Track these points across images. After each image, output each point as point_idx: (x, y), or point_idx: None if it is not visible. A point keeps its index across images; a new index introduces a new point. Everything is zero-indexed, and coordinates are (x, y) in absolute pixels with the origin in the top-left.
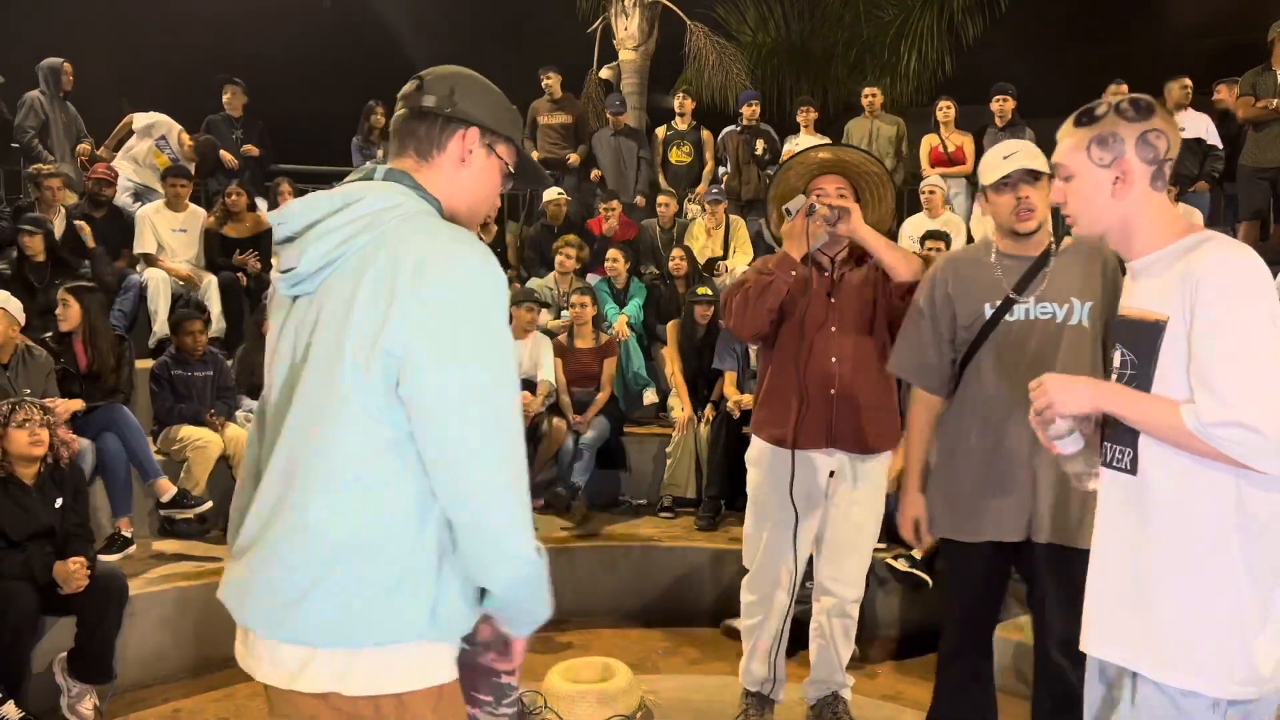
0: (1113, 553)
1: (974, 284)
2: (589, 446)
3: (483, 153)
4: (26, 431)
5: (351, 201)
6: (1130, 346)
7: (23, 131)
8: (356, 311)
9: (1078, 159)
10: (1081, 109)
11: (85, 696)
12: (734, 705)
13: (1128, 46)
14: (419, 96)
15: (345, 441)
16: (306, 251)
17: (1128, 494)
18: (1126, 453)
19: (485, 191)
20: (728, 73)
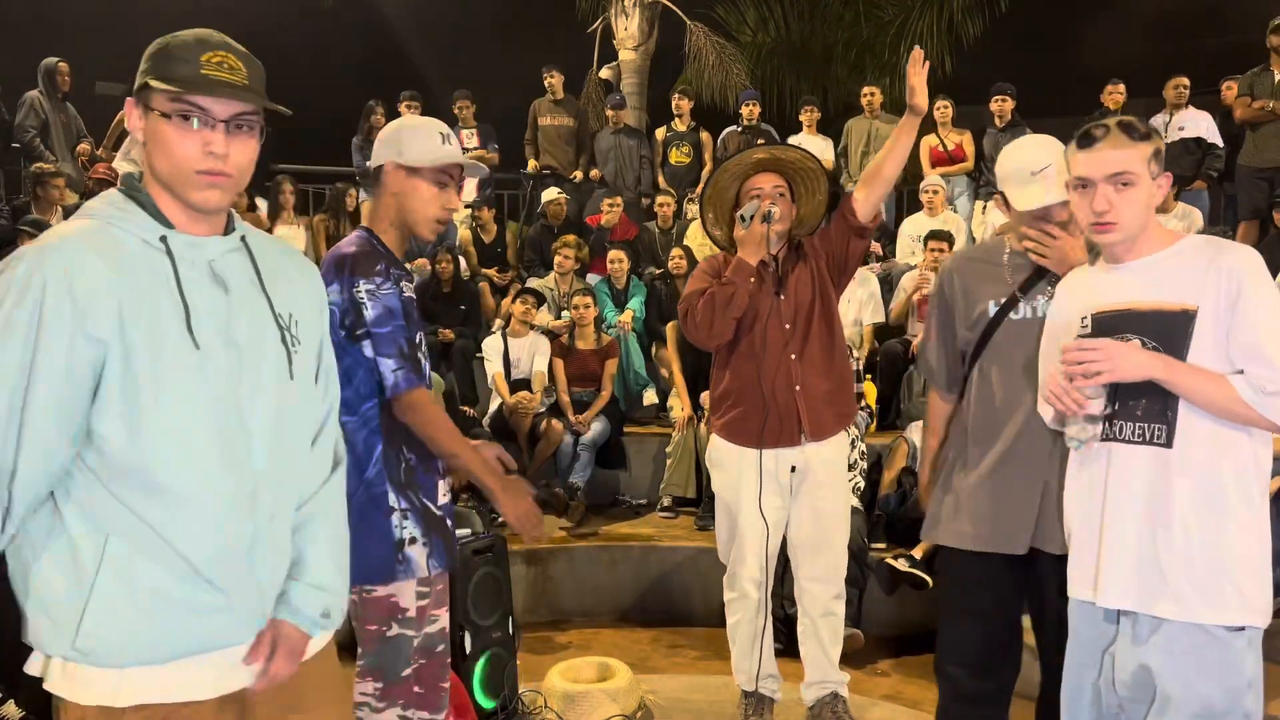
0: (1143, 517)
1: (981, 282)
2: (588, 446)
3: (139, 113)
4: None
5: None
6: (1154, 335)
7: (24, 131)
8: None
9: (1143, 170)
10: (1127, 122)
11: None
12: (734, 705)
13: (1127, 46)
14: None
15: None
16: None
17: (1160, 465)
18: (1160, 429)
19: (167, 152)
20: (728, 73)
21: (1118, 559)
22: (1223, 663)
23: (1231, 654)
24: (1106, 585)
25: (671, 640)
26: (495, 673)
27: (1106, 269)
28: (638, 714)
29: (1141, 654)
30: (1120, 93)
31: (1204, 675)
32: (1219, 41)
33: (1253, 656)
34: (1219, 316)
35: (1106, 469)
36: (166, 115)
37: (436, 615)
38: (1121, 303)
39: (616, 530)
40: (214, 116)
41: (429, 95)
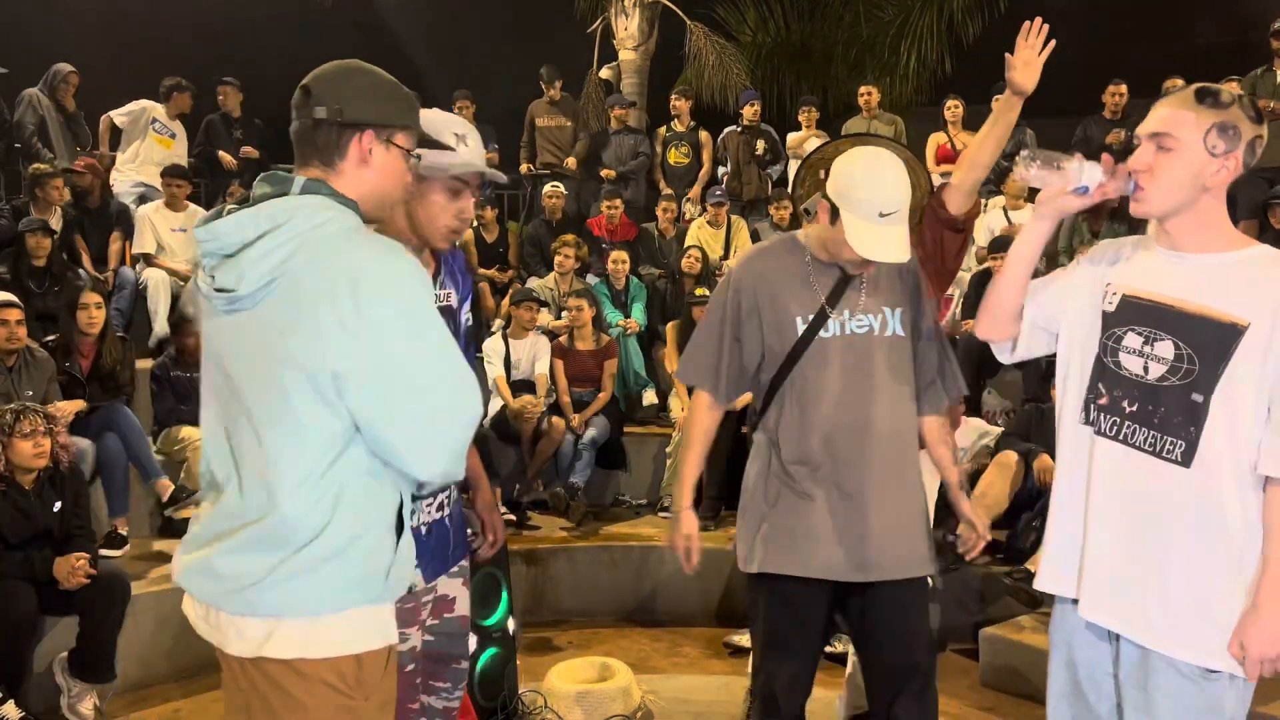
0: (1167, 551)
1: (783, 292)
2: (589, 446)
3: (381, 149)
4: (31, 443)
5: (282, 222)
6: (1191, 343)
7: (22, 128)
8: (296, 331)
9: (1191, 135)
10: (1204, 87)
11: (85, 696)
12: (734, 705)
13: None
14: (310, 109)
15: (298, 443)
16: (246, 274)
17: (1175, 487)
18: (1178, 444)
19: (392, 182)
20: (728, 73)
21: (1100, 571)
22: (1199, 706)
23: (1207, 697)
24: (1091, 598)
25: (671, 640)
26: (495, 673)
27: (1155, 250)
28: (638, 714)
29: (1122, 684)
30: (1121, 93)
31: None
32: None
33: (1234, 695)
34: (1271, 340)
35: (1090, 466)
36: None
37: (406, 634)
38: (1162, 294)
39: (616, 530)
40: None
41: (429, 95)
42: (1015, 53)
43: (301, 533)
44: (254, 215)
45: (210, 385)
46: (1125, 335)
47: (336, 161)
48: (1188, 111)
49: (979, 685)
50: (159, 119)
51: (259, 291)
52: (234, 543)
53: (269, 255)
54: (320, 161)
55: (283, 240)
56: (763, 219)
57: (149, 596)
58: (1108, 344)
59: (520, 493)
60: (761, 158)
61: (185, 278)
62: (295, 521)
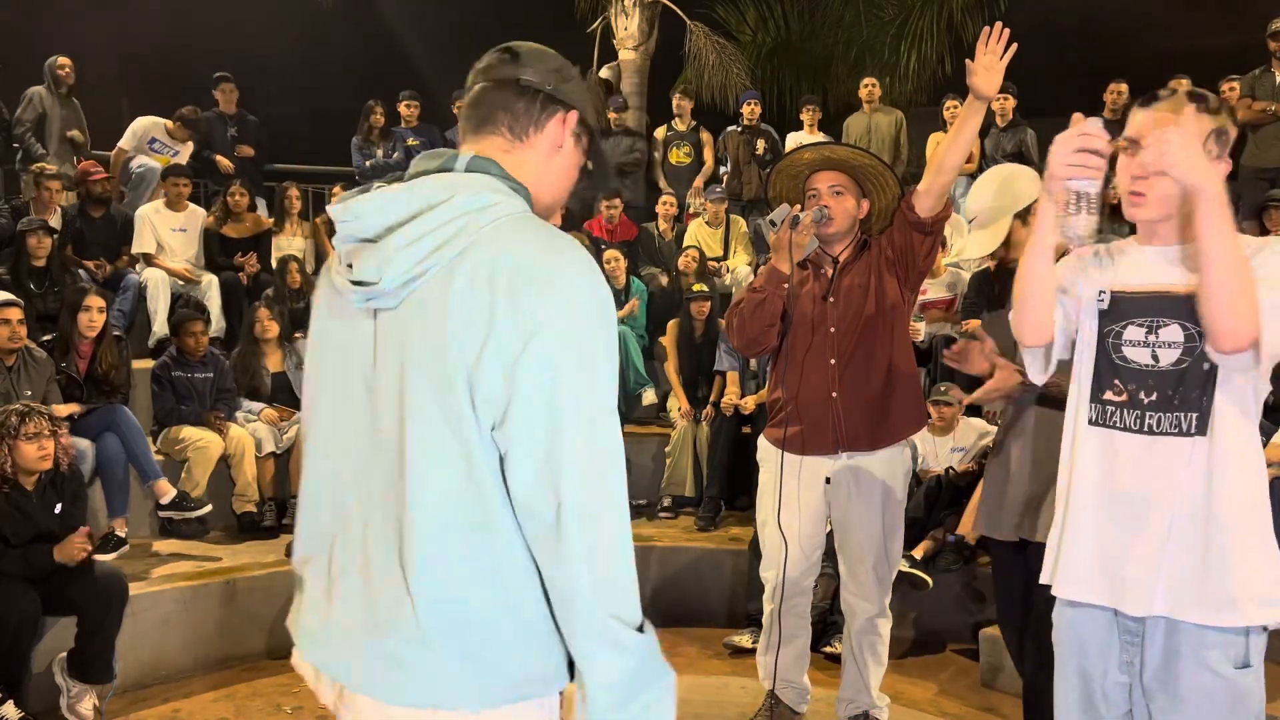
0: (1186, 518)
1: None
2: None
3: (573, 142)
4: (35, 445)
5: (437, 202)
6: (1194, 320)
7: (19, 124)
8: (450, 338)
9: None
10: (1196, 93)
11: (85, 696)
12: (734, 705)
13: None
14: (515, 68)
15: (454, 483)
16: (391, 262)
17: (1193, 455)
18: (1191, 417)
19: (566, 185)
20: (728, 73)
21: (1134, 564)
22: (1230, 701)
23: (1240, 695)
24: (1134, 595)
25: (671, 640)
26: None
27: (1142, 250)
28: None
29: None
30: (1122, 92)
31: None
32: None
33: (1259, 688)
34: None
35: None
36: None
37: None
38: (1151, 284)
39: None
40: None
41: (429, 95)
42: (976, 58)
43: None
44: (405, 192)
45: (329, 396)
46: (1125, 329)
47: (530, 134)
48: (1184, 117)
49: (979, 685)
50: (159, 139)
51: (406, 286)
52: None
53: (419, 241)
54: (507, 130)
55: (436, 224)
56: (763, 219)
57: (148, 596)
58: (1109, 341)
59: None
60: (761, 157)
61: (185, 278)
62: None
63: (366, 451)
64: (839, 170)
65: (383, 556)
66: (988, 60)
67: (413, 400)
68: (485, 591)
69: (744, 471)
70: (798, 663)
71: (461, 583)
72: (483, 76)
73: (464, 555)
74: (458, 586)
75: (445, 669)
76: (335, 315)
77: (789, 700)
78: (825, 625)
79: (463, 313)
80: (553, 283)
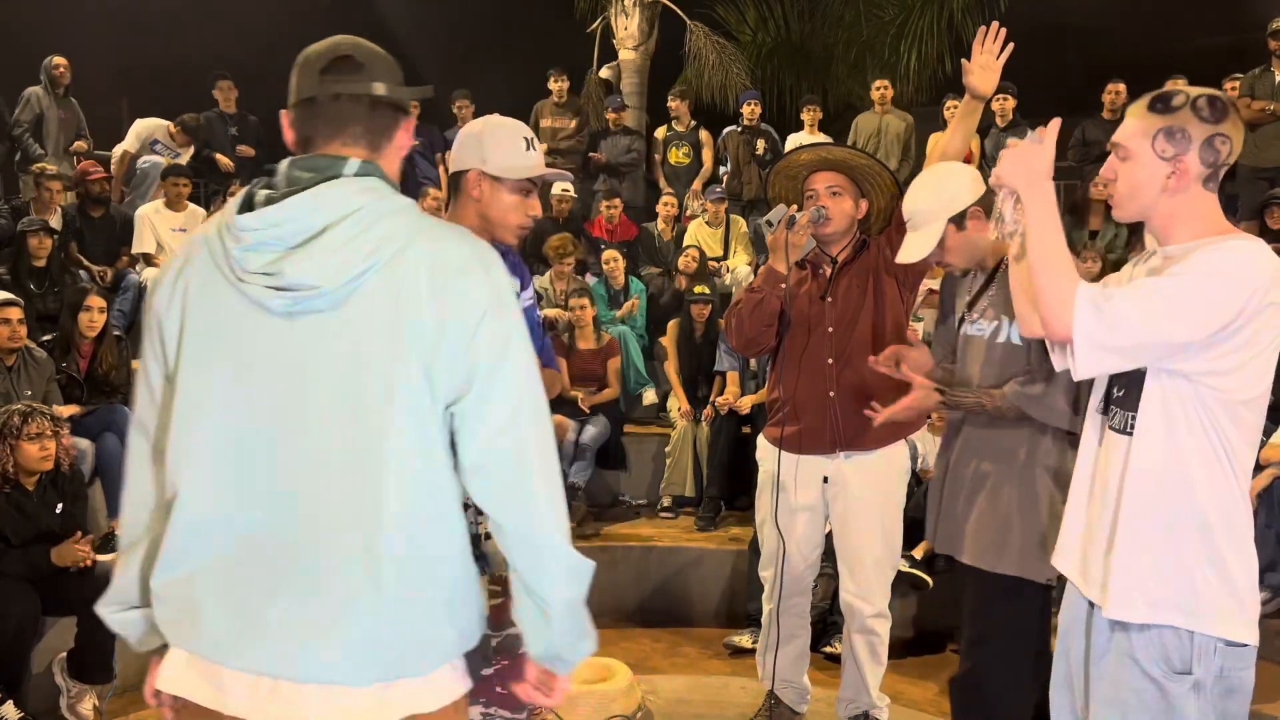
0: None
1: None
2: (589, 446)
3: (405, 133)
4: (38, 445)
5: (357, 206)
6: None
7: (17, 125)
8: (408, 328)
9: (1140, 144)
10: (1158, 93)
11: (85, 696)
12: (734, 706)
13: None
14: (367, 83)
15: (418, 467)
16: (329, 265)
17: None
18: (1130, 417)
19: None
20: (728, 73)
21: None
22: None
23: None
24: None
25: (671, 641)
26: None
27: (1147, 255)
28: (638, 714)
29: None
30: (1121, 92)
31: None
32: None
33: (1195, 704)
34: None
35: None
36: None
37: None
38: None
39: (616, 530)
40: None
41: None
42: (972, 57)
43: (393, 576)
44: (316, 199)
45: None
46: None
47: (384, 146)
48: (1138, 121)
49: None
50: (161, 141)
51: (344, 287)
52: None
53: (352, 243)
54: (367, 144)
55: (363, 225)
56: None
57: None
58: None
59: None
60: (761, 157)
61: None
62: (387, 559)
63: (292, 451)
64: (837, 171)
65: (336, 547)
66: (984, 59)
67: (369, 392)
68: (446, 568)
69: (744, 471)
70: (797, 663)
71: (428, 561)
72: (331, 85)
73: (429, 534)
74: (424, 566)
75: (412, 641)
76: (222, 321)
77: (789, 700)
78: (825, 625)
79: (414, 305)
80: (485, 270)
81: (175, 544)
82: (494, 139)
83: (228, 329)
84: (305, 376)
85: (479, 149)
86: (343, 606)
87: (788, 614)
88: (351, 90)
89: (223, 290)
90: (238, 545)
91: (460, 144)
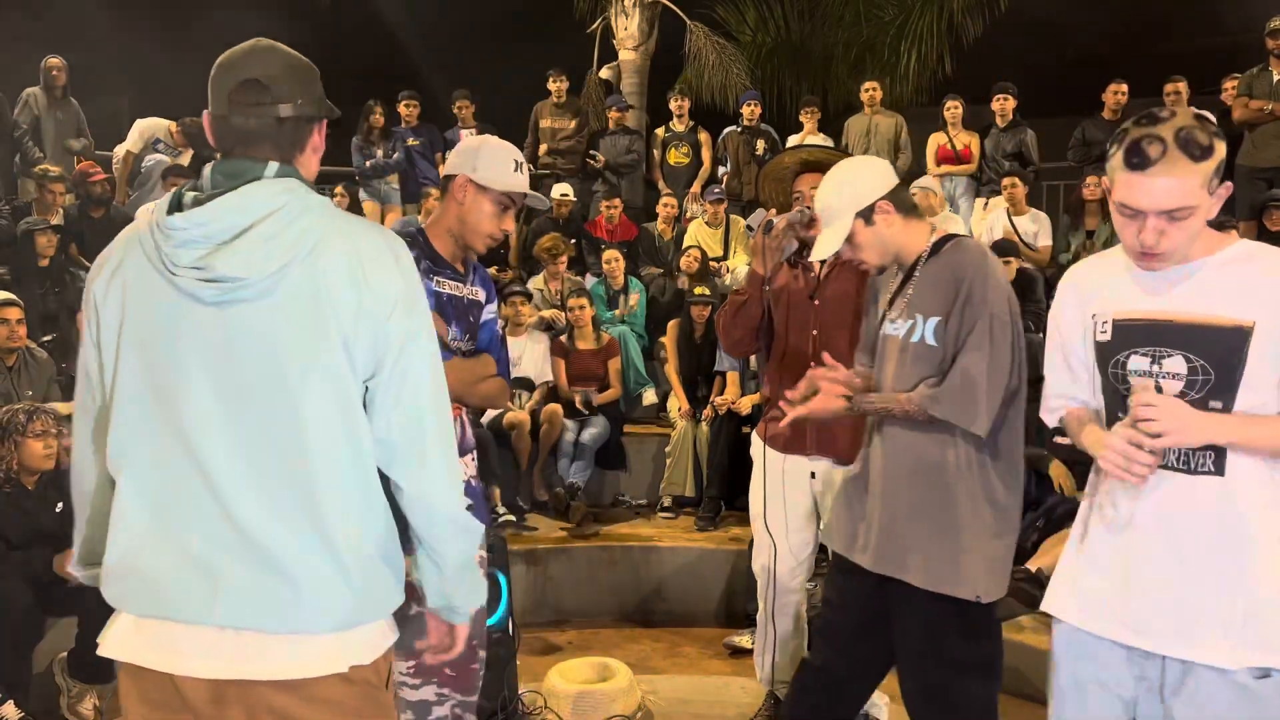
0: (1207, 559)
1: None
2: (589, 446)
3: (320, 133)
4: (42, 443)
5: (280, 205)
6: (1201, 353)
7: (16, 126)
8: (330, 313)
9: (1201, 196)
10: (1187, 135)
11: (85, 696)
12: (734, 706)
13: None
14: (272, 106)
15: (341, 433)
16: (255, 259)
17: (1212, 495)
18: (1208, 455)
19: (317, 163)
20: (728, 73)
21: (1155, 599)
22: (1252, 715)
23: (1261, 704)
24: (1142, 626)
25: (671, 640)
26: (495, 673)
27: (1134, 269)
28: (638, 714)
29: (1169, 703)
30: (1122, 92)
31: None
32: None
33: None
34: (1277, 333)
35: (1139, 497)
36: None
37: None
38: (1156, 311)
39: (616, 530)
40: None
41: (429, 95)
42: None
43: (334, 539)
44: (241, 199)
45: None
46: (1128, 359)
47: (295, 157)
48: (1191, 175)
49: None
50: (163, 140)
51: (269, 278)
52: (255, 555)
53: (277, 238)
54: (279, 156)
55: (285, 222)
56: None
57: None
58: (1114, 372)
59: (522, 496)
60: (761, 158)
61: None
62: (326, 523)
63: (225, 425)
64: (820, 173)
65: (270, 513)
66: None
67: (291, 371)
68: (372, 525)
69: (744, 472)
70: (795, 663)
71: (360, 516)
72: (238, 109)
73: (359, 495)
74: (358, 520)
75: (363, 593)
76: (157, 312)
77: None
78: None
79: (335, 292)
80: (397, 260)
81: (114, 525)
82: (489, 153)
83: (163, 318)
84: (233, 360)
85: (473, 158)
86: (285, 565)
87: (782, 613)
88: (256, 115)
89: (157, 283)
90: (183, 518)
91: (457, 151)
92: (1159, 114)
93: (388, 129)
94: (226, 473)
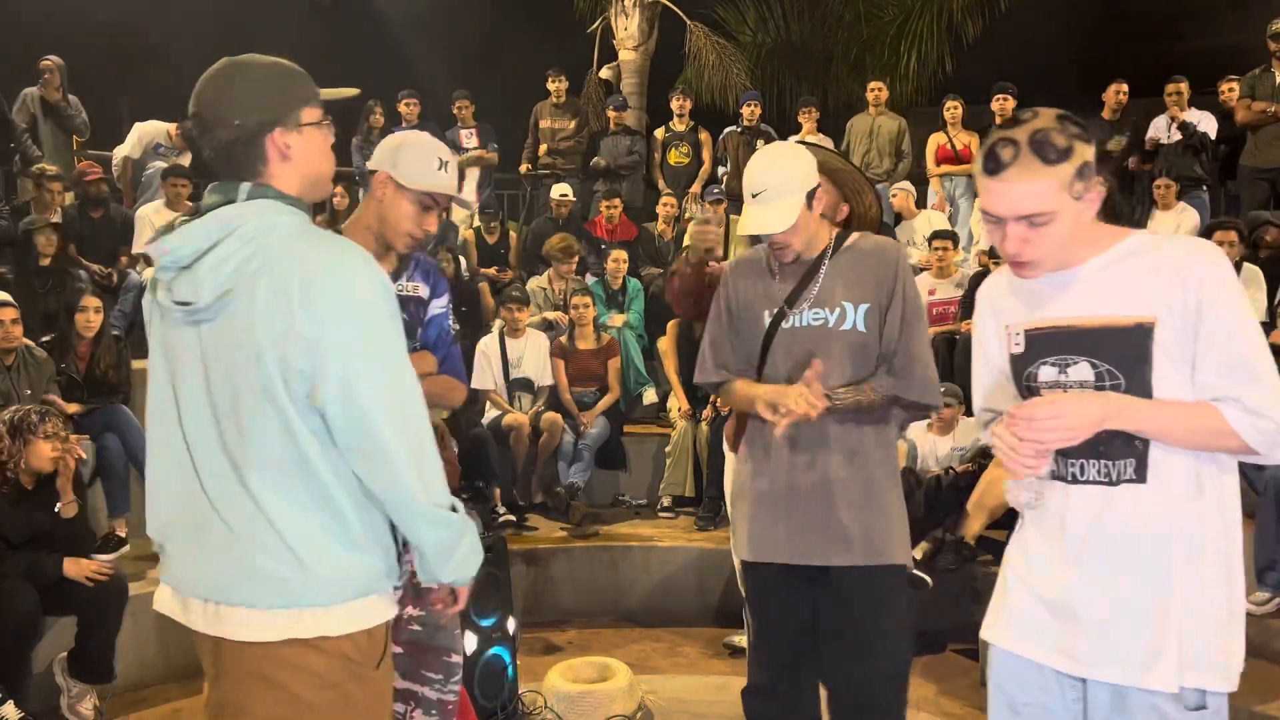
0: (1135, 577)
1: (753, 293)
2: (589, 446)
3: (295, 135)
4: (51, 444)
5: (233, 228)
6: (1106, 357)
7: (14, 126)
8: (259, 337)
9: (1061, 200)
10: (1041, 137)
11: (85, 696)
12: (734, 705)
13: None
14: (212, 136)
15: (277, 443)
16: (203, 284)
17: (1136, 507)
18: (1129, 464)
19: (318, 160)
20: (728, 73)
21: (1083, 622)
22: None
23: None
24: (1071, 650)
25: (671, 640)
26: (495, 673)
27: (1009, 277)
28: (638, 714)
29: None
30: (1123, 92)
31: None
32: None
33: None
34: (1181, 328)
35: (1063, 515)
36: None
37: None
38: (1059, 318)
39: (616, 530)
40: None
41: (429, 95)
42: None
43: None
44: (203, 225)
45: (168, 395)
46: (1038, 371)
47: (261, 168)
48: (1045, 178)
49: (979, 685)
50: (162, 144)
51: (219, 301)
52: (236, 542)
53: (223, 263)
54: (247, 177)
55: (236, 247)
56: None
57: (148, 596)
58: (1027, 386)
59: (520, 495)
60: None
61: None
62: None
63: (203, 432)
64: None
65: (234, 506)
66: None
67: (240, 386)
68: (321, 518)
69: None
70: None
71: (301, 511)
72: (193, 144)
73: (300, 496)
74: (299, 516)
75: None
76: (167, 329)
77: None
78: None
79: (268, 314)
80: (336, 275)
81: (149, 505)
82: (410, 150)
83: (167, 334)
84: (208, 373)
85: (394, 155)
86: (246, 551)
87: None
88: (207, 146)
89: (159, 302)
90: (181, 504)
91: (381, 147)
92: (1021, 116)
93: (388, 129)
94: (206, 472)
